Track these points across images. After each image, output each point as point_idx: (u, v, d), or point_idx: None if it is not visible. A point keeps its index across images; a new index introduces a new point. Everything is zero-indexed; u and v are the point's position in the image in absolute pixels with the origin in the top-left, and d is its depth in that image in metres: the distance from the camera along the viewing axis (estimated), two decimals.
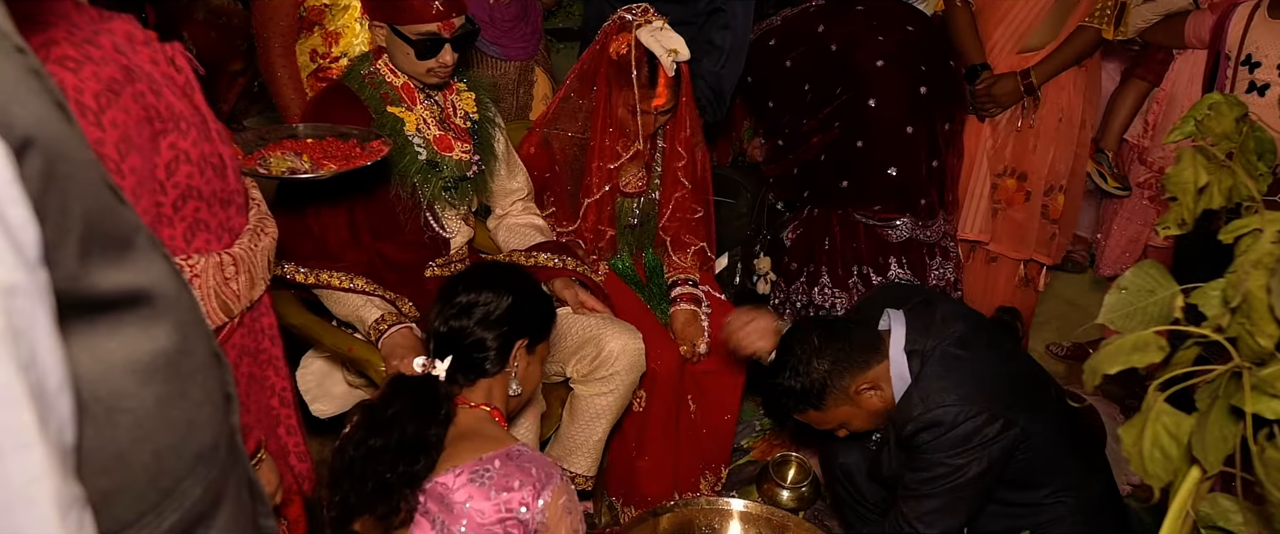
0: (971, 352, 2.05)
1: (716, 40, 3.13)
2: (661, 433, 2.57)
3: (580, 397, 2.40)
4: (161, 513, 0.76)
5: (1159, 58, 3.36)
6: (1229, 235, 0.86)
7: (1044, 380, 2.24)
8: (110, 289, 0.70)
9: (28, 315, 0.55)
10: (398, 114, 2.30)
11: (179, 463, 0.77)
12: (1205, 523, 0.91)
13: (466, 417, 1.77)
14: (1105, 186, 3.45)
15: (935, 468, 1.99)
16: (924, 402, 2.00)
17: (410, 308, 2.30)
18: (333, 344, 2.30)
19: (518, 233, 2.54)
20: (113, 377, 0.70)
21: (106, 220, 0.69)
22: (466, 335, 1.80)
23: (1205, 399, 0.87)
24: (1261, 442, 0.80)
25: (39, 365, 0.56)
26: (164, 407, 0.75)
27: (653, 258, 2.83)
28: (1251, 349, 0.81)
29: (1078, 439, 2.17)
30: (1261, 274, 0.80)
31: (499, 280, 1.87)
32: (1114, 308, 0.95)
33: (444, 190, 2.35)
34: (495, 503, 1.61)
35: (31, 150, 0.59)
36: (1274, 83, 2.72)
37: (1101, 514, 2.12)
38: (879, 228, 2.90)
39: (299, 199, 2.24)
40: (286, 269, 2.22)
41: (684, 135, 2.62)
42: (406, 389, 1.73)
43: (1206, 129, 0.99)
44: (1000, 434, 1.96)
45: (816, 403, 2.13)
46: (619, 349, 2.34)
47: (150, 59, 1.32)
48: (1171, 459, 0.88)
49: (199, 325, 0.82)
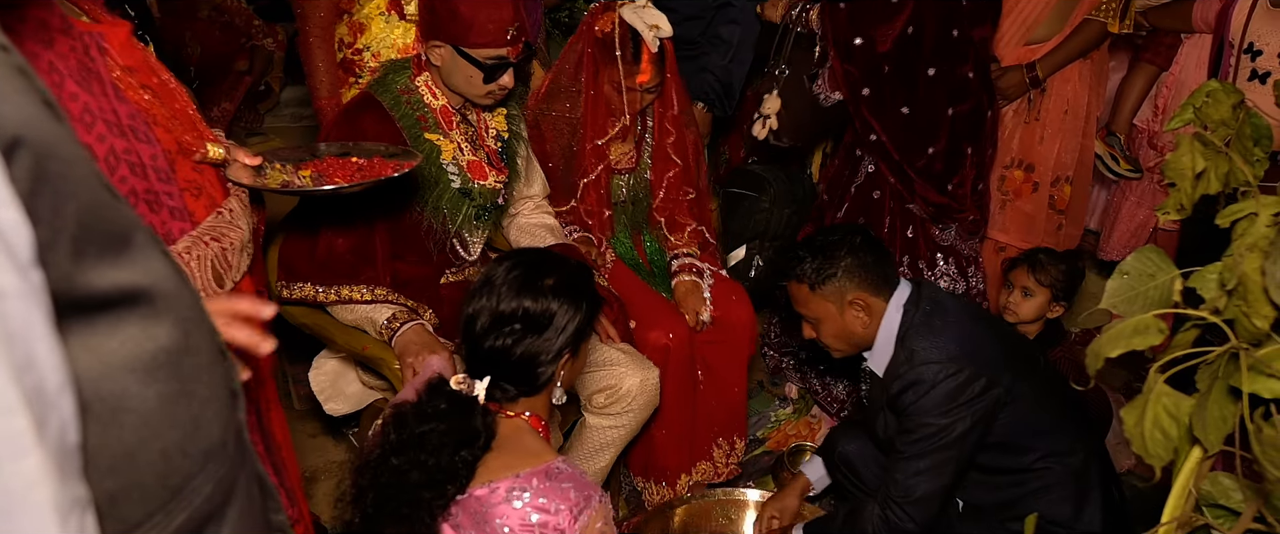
0: (956, 316, 2.14)
1: (725, 34, 3.15)
2: (676, 404, 2.60)
3: (591, 427, 2.40)
4: (171, 512, 0.75)
5: (1167, 42, 3.36)
6: (1226, 219, 0.87)
7: (1030, 350, 2.30)
8: (108, 288, 0.69)
9: (22, 318, 0.55)
10: (435, 141, 2.27)
11: (187, 461, 0.77)
12: (1206, 501, 0.93)
13: (504, 426, 1.65)
14: (1118, 169, 3.46)
15: (923, 429, 2.06)
16: (909, 360, 2.08)
17: (431, 316, 2.28)
18: (345, 343, 2.30)
19: (529, 232, 2.56)
20: (115, 376, 0.70)
21: (102, 218, 0.68)
22: (511, 357, 1.64)
23: (1205, 380, 0.88)
24: (1259, 421, 0.82)
25: (37, 368, 0.56)
26: (169, 405, 0.75)
27: (652, 242, 2.87)
28: (1248, 330, 0.83)
29: (1064, 405, 2.22)
30: (1257, 257, 0.81)
31: (541, 287, 1.66)
32: (1116, 292, 0.96)
33: (474, 218, 2.35)
34: (531, 527, 1.55)
35: (20, 150, 0.59)
36: (1275, 71, 2.73)
37: (1090, 480, 2.17)
38: (930, 224, 2.94)
39: (316, 217, 2.22)
40: (305, 291, 2.21)
41: (671, 113, 2.68)
42: (442, 409, 1.60)
43: (1204, 116, 1.00)
44: (984, 393, 2.03)
45: (815, 282, 2.18)
46: (637, 387, 2.34)
47: (70, 48, 1.28)
48: (1172, 439, 0.90)
49: (202, 322, 0.81)
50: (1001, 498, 2.20)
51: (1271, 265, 0.79)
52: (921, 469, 2.07)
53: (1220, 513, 0.93)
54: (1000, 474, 2.19)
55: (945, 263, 2.97)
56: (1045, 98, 3.14)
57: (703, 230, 2.82)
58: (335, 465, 2.88)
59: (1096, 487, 2.16)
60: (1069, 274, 2.85)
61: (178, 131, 1.52)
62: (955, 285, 2.97)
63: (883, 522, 2.14)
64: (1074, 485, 2.15)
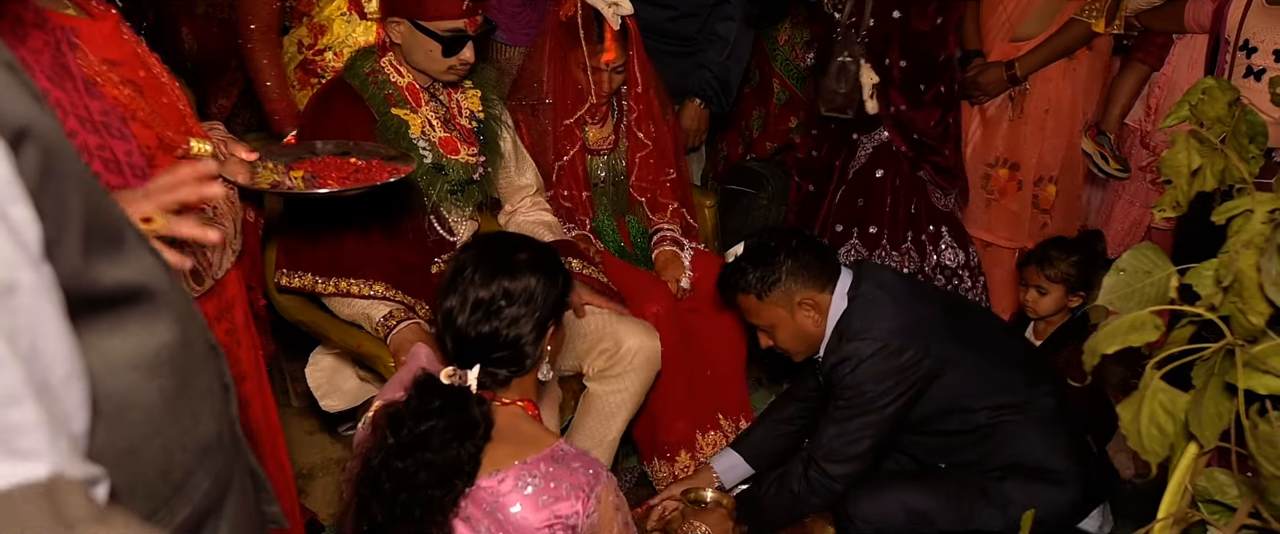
0: (894, 292, 2.22)
1: (721, 31, 3.15)
2: (671, 375, 2.60)
3: (595, 395, 2.42)
4: (174, 507, 0.76)
5: (1159, 42, 3.37)
6: (1221, 216, 0.88)
7: (978, 319, 2.40)
8: (112, 284, 0.70)
9: (32, 311, 0.56)
10: (402, 116, 2.29)
11: (187, 455, 0.77)
12: (1202, 497, 0.94)
13: (501, 416, 1.63)
14: (1107, 168, 3.47)
15: (851, 394, 2.16)
16: (841, 338, 2.18)
17: (427, 312, 2.29)
18: (340, 340, 2.31)
19: (526, 230, 2.56)
20: (120, 374, 0.71)
21: (101, 214, 0.69)
22: (494, 339, 1.63)
23: (1201, 376, 0.89)
24: (1254, 417, 0.82)
25: (41, 358, 0.56)
26: (170, 400, 0.76)
27: (635, 223, 2.90)
28: (1243, 327, 0.83)
29: (1017, 361, 2.30)
30: (1252, 254, 0.82)
31: (513, 264, 1.66)
32: (1112, 289, 0.97)
33: (450, 194, 2.36)
34: (546, 513, 1.55)
35: (27, 142, 0.59)
36: (1270, 68, 2.74)
37: (1060, 424, 2.24)
38: (932, 191, 3.02)
39: (316, 209, 2.22)
40: (305, 281, 2.22)
41: (636, 91, 2.73)
42: (438, 406, 1.58)
43: (1200, 113, 1.01)
44: (914, 364, 2.13)
45: (761, 292, 2.25)
46: (636, 346, 2.37)
47: (43, 43, 1.27)
48: (1168, 435, 0.90)
49: (194, 318, 0.82)
50: (974, 455, 2.26)
51: (1267, 262, 0.80)
52: (847, 432, 2.17)
53: (1216, 508, 0.94)
54: (958, 435, 2.26)
55: (949, 234, 3.04)
56: (1027, 96, 3.16)
57: (684, 211, 2.86)
58: (332, 462, 2.88)
59: (1070, 427, 2.25)
60: (1081, 264, 2.86)
61: (159, 127, 1.51)
62: (957, 254, 3.05)
63: (805, 481, 2.23)
64: (1042, 429, 2.22)
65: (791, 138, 3.71)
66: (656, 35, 2.98)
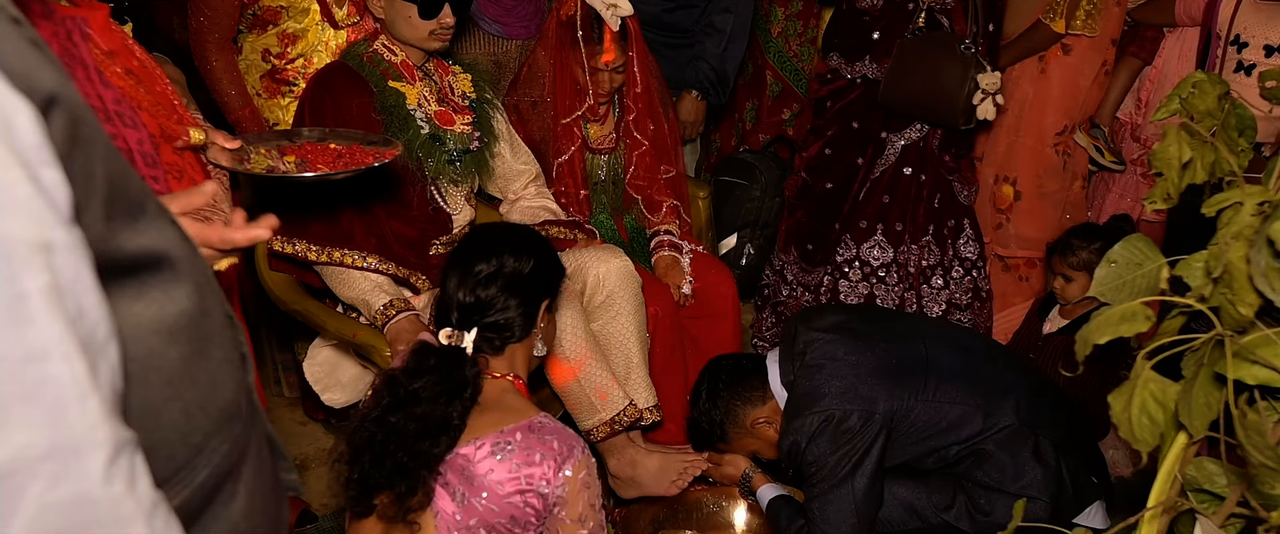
0: (826, 356, 2.17)
1: (718, 23, 3.16)
2: (668, 373, 2.62)
3: (600, 334, 2.45)
4: (194, 468, 0.79)
5: (1150, 36, 3.38)
6: (1211, 209, 0.89)
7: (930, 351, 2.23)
8: (135, 251, 0.72)
9: (71, 271, 0.58)
10: (399, 88, 2.34)
11: (207, 420, 0.80)
12: (1191, 486, 0.95)
13: (489, 388, 1.74)
14: (1102, 161, 3.48)
15: (815, 470, 2.12)
16: (788, 423, 2.16)
17: (424, 282, 2.34)
18: (336, 329, 2.31)
19: (530, 215, 2.59)
20: (142, 337, 0.73)
21: (124, 183, 0.71)
22: (493, 304, 1.75)
23: (1190, 367, 0.90)
24: (1243, 406, 0.83)
25: (87, 317, 0.59)
26: (189, 365, 0.78)
27: (632, 220, 2.91)
28: (1233, 318, 0.85)
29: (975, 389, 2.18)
30: (1242, 246, 0.83)
31: (515, 243, 1.81)
32: (1104, 281, 0.98)
33: (449, 164, 2.39)
34: (516, 476, 1.63)
35: (56, 108, 0.61)
36: (1260, 63, 2.76)
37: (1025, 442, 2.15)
38: (955, 186, 3.03)
39: (307, 189, 2.22)
40: (299, 247, 2.24)
41: (635, 91, 2.74)
42: (433, 364, 1.69)
43: (1191, 107, 1.02)
44: (862, 426, 2.09)
45: (722, 437, 2.33)
46: (605, 271, 2.43)
47: (52, 34, 1.28)
48: (1158, 425, 0.91)
49: (212, 288, 0.84)
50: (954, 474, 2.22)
51: (1256, 254, 0.80)
52: (829, 505, 2.12)
53: (1205, 497, 0.95)
54: (934, 474, 2.23)
55: (970, 226, 3.08)
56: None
57: (678, 205, 2.88)
58: (326, 453, 2.88)
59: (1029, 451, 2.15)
60: (1104, 251, 2.87)
61: (160, 116, 1.53)
62: (976, 246, 3.09)
63: None
64: (1013, 442, 2.14)
65: (784, 129, 3.71)
66: (654, 27, 2.99)
